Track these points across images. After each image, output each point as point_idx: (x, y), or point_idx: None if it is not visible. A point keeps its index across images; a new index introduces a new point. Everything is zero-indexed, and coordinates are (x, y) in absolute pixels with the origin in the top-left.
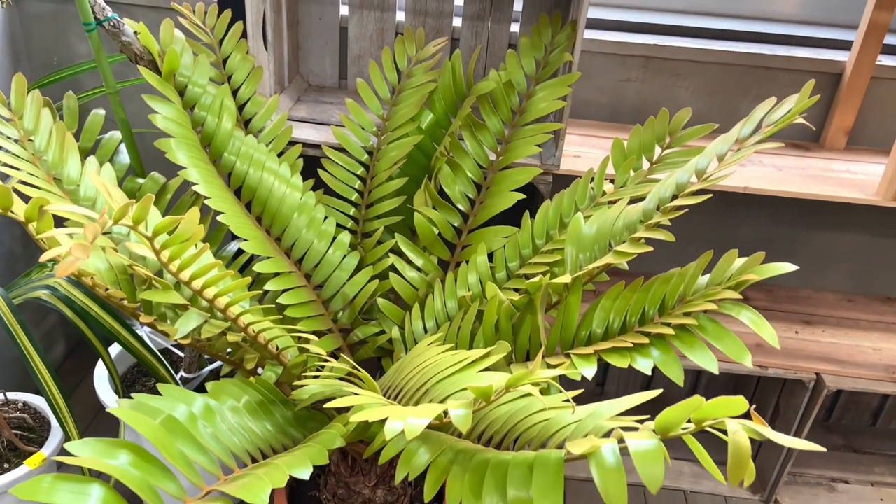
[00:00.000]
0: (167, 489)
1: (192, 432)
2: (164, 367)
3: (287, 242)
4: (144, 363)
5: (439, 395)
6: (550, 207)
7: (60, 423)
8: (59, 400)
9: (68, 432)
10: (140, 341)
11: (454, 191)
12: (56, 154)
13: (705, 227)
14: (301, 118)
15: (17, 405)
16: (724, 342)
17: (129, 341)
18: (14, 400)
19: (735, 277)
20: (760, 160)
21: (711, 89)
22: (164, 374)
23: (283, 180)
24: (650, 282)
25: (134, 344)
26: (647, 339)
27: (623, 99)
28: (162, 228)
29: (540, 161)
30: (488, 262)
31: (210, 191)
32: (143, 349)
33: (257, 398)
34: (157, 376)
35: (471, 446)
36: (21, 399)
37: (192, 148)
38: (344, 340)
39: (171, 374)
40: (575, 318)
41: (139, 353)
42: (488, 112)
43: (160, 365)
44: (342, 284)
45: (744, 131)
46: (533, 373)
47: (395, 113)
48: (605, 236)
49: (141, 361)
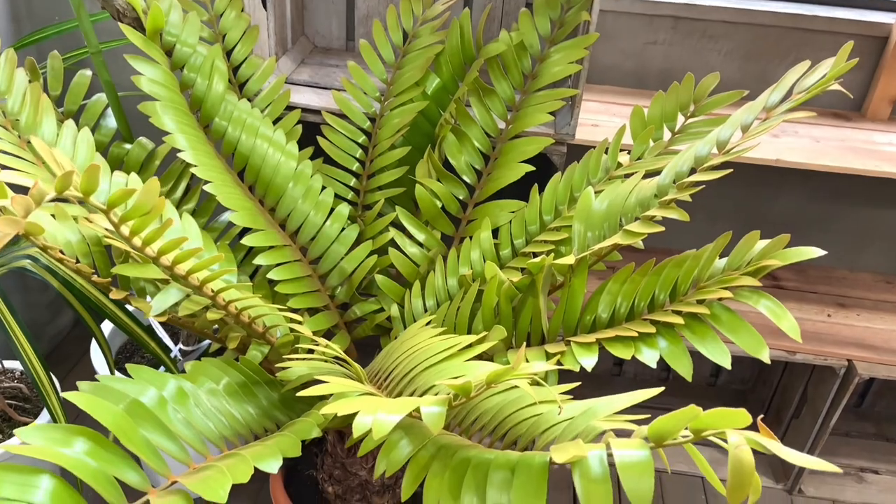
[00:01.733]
0: (128, 479)
1: (161, 418)
2: (156, 339)
3: (281, 214)
4: (133, 336)
5: (424, 385)
6: (561, 181)
7: (39, 392)
8: (37, 368)
9: (48, 404)
10: (128, 313)
11: (459, 161)
12: (30, 116)
13: (733, 201)
14: (303, 82)
15: (13, 374)
16: (740, 334)
17: (115, 313)
18: (11, 369)
19: (755, 262)
20: (796, 130)
21: (745, 53)
22: (155, 347)
23: (277, 147)
24: (662, 264)
25: (120, 316)
26: (653, 328)
27: (648, 63)
28: (117, 200)
29: (553, 130)
30: (493, 239)
31: (198, 158)
32: (130, 322)
33: (239, 379)
34: (148, 349)
35: (455, 441)
36: (18, 368)
37: (180, 112)
38: (341, 317)
39: (162, 347)
40: (579, 301)
41: (126, 327)
42: (498, 76)
43: (150, 338)
44: (340, 259)
45: (772, 99)
46: (515, 368)
47: (399, 77)
48: (616, 213)
49: (129, 335)
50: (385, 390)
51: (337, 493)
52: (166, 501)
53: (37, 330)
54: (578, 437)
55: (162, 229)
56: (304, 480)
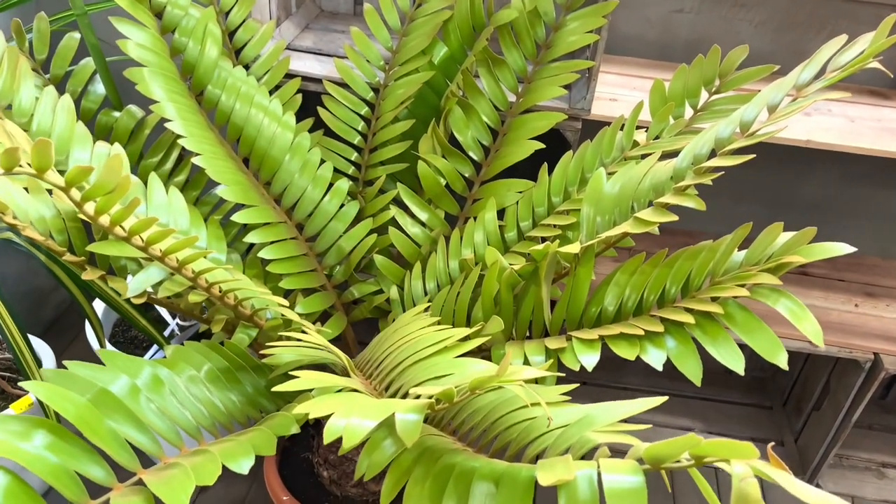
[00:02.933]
0: (92, 475)
1: (132, 408)
2: (149, 315)
3: (277, 189)
4: (121, 313)
5: (411, 381)
6: (572, 160)
7: (22, 369)
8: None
9: (27, 371)
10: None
11: (466, 137)
12: (6, 81)
13: (759, 181)
14: (305, 48)
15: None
16: (755, 336)
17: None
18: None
19: (776, 257)
20: (829, 108)
21: (779, 24)
22: (146, 324)
23: (273, 118)
24: (674, 256)
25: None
26: (661, 326)
27: (674, 33)
28: (75, 178)
29: (568, 104)
30: (498, 220)
31: (187, 129)
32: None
33: (222, 365)
34: (137, 326)
35: (441, 443)
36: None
37: (169, 80)
38: (338, 298)
39: (157, 322)
40: (584, 292)
41: (114, 302)
42: (509, 46)
43: (141, 315)
44: (338, 237)
45: (803, 76)
46: (500, 374)
47: (404, 45)
48: (628, 198)
49: (118, 312)
50: (374, 382)
51: (332, 478)
52: (127, 501)
53: (41, 298)
54: (570, 450)
55: (130, 208)
56: (299, 463)
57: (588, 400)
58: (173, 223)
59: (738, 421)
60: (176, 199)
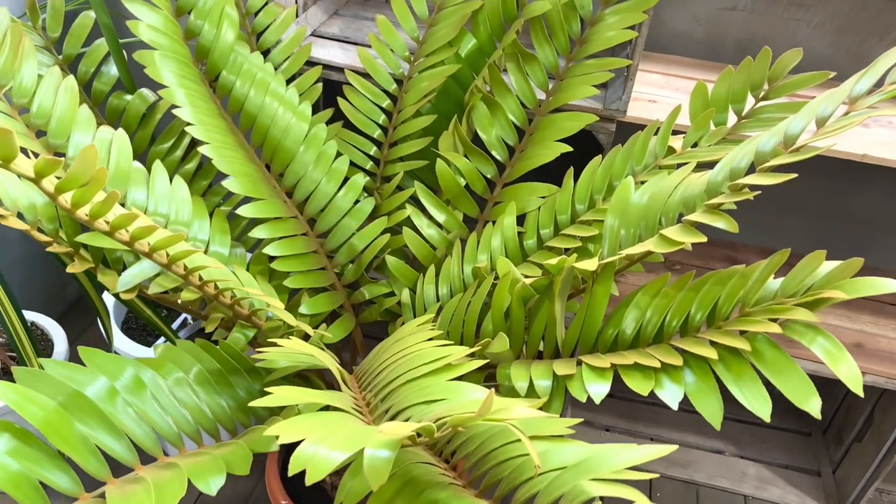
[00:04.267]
0: (56, 484)
1: (107, 412)
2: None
3: (289, 181)
4: (124, 302)
5: (401, 402)
6: (600, 166)
7: (19, 355)
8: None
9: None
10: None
11: (490, 135)
12: (7, 60)
13: (809, 194)
14: (332, 35)
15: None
16: (785, 377)
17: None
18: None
19: (815, 290)
20: (890, 121)
21: (839, 26)
22: (151, 314)
23: (288, 107)
24: (702, 279)
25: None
26: (680, 359)
27: (725, 32)
28: (44, 169)
29: (602, 105)
30: (518, 226)
31: (197, 116)
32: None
33: (214, 367)
34: (142, 316)
35: (429, 474)
36: (30, 319)
37: (182, 64)
38: (348, 298)
39: (159, 314)
40: (600, 313)
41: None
42: (541, 40)
43: (145, 305)
44: (350, 234)
45: (858, 87)
46: (484, 413)
47: (431, 35)
48: (656, 211)
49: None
50: (368, 395)
51: (334, 483)
52: None
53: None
54: (562, 500)
55: (108, 202)
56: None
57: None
58: (175, 214)
59: (774, 446)
60: (179, 188)
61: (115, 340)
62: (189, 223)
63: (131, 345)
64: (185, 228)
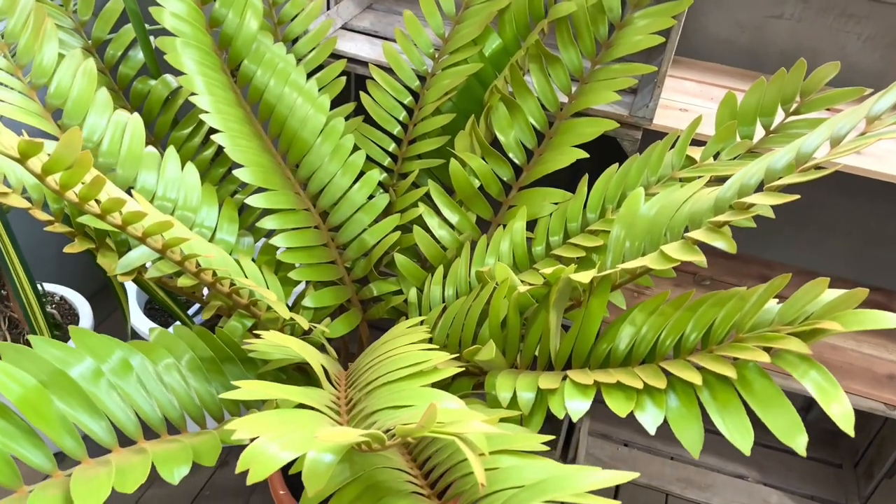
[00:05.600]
0: (28, 459)
1: (89, 393)
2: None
3: (304, 173)
4: (138, 284)
5: (373, 405)
6: (615, 175)
7: (31, 327)
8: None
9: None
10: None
11: (508, 137)
12: (29, 40)
13: (850, 213)
14: (362, 29)
15: (53, 298)
16: (772, 411)
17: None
18: (51, 293)
19: (814, 319)
20: None
21: (892, 40)
22: (164, 297)
23: (308, 98)
24: (701, 299)
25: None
26: (664, 381)
27: (769, 41)
28: (28, 150)
29: (628, 111)
30: (528, 231)
31: (214, 105)
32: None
33: (207, 355)
34: (156, 299)
35: (392, 480)
36: (59, 293)
37: (203, 52)
38: (357, 293)
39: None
40: (594, 327)
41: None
42: (566, 42)
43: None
44: (362, 229)
45: (877, 107)
46: (427, 426)
47: (456, 33)
48: (662, 225)
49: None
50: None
51: None
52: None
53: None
54: None
55: (94, 186)
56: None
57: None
58: (183, 199)
59: (800, 475)
60: (190, 174)
61: (135, 320)
62: (197, 209)
63: (149, 323)
64: (192, 214)
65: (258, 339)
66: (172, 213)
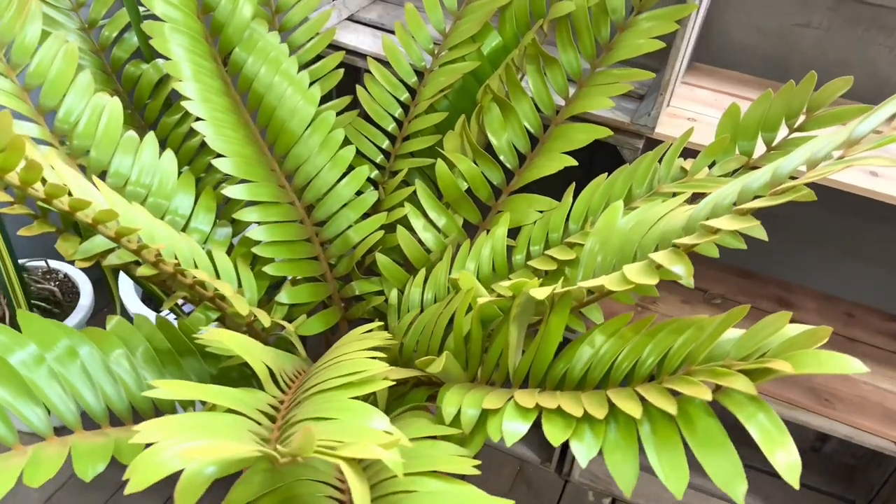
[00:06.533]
0: None
1: (27, 379)
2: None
3: (291, 165)
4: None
5: (302, 413)
6: (601, 186)
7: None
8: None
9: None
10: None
11: (500, 140)
12: (13, 18)
13: (883, 239)
14: (368, 21)
15: (57, 276)
16: (712, 454)
17: None
18: (56, 270)
19: (770, 356)
20: None
21: None
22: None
23: (298, 88)
24: (661, 325)
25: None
26: (605, 410)
27: (794, 50)
28: None
29: (630, 118)
30: (509, 238)
31: (200, 93)
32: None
33: (164, 346)
34: (143, 287)
35: (309, 494)
36: (64, 271)
37: (192, 39)
38: (339, 291)
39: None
40: (552, 345)
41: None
42: (565, 43)
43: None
44: (348, 225)
45: (859, 129)
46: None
47: (456, 28)
48: (634, 242)
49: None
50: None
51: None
52: None
53: None
54: None
55: (31, 170)
56: None
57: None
58: (157, 185)
59: None
60: (167, 160)
61: (131, 307)
62: (170, 196)
63: (145, 310)
64: (165, 202)
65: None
66: (145, 200)
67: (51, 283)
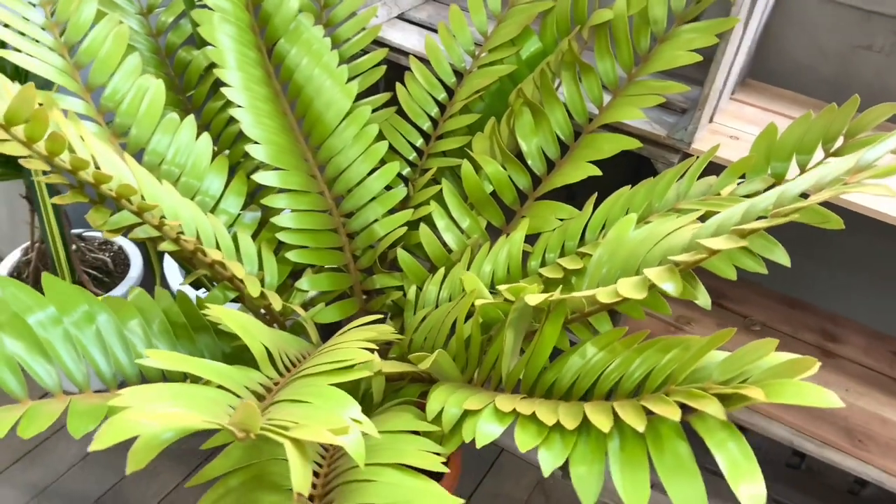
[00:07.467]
0: None
1: (42, 338)
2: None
3: (324, 156)
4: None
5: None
6: (622, 198)
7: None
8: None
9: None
10: None
11: (531, 145)
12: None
13: None
14: (417, 20)
15: (112, 247)
16: (677, 480)
17: None
18: (112, 241)
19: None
20: None
21: None
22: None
23: (337, 81)
24: (650, 342)
25: None
26: (577, 422)
27: (854, 73)
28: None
29: (667, 131)
30: (527, 244)
31: (241, 80)
32: None
33: (179, 321)
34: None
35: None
36: (119, 243)
37: (239, 29)
38: (361, 283)
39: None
40: (545, 354)
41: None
42: (603, 51)
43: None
44: (374, 219)
45: (868, 156)
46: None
47: (497, 31)
48: (639, 255)
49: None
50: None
51: None
52: None
53: None
54: None
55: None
56: None
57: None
58: (191, 165)
59: None
60: (203, 142)
61: (173, 282)
62: (202, 176)
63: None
64: (197, 182)
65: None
66: (178, 179)
67: (105, 253)
